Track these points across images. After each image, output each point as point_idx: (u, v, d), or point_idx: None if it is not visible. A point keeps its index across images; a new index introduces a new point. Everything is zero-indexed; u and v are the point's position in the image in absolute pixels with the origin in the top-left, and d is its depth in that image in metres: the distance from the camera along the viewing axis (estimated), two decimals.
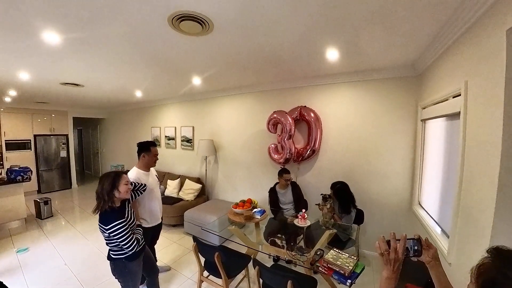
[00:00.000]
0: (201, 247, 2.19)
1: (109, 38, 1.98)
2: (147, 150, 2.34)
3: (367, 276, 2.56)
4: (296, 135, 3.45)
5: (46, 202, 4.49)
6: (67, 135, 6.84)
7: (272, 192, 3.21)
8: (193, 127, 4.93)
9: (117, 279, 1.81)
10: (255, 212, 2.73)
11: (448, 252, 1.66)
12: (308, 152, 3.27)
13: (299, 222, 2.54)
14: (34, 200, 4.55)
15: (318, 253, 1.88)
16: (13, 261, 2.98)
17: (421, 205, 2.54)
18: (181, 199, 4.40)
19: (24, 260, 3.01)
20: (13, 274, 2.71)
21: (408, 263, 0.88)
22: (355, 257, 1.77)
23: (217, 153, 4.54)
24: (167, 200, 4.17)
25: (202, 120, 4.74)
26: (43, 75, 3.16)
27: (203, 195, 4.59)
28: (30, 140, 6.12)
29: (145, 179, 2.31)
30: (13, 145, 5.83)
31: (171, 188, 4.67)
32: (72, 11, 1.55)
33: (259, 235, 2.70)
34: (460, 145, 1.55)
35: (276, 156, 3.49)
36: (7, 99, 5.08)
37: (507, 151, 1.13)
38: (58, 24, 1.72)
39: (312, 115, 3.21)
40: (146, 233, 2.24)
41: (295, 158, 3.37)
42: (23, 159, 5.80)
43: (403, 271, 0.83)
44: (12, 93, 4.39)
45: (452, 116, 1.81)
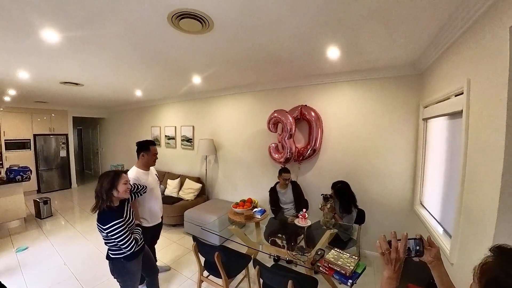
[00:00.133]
0: (201, 247, 2.18)
1: (109, 37, 1.97)
2: (146, 149, 2.33)
3: (368, 276, 2.55)
4: (297, 135, 3.44)
5: (46, 202, 4.48)
6: (67, 135, 6.83)
7: (273, 192, 3.20)
8: (193, 127, 4.92)
9: (116, 279, 1.80)
10: (256, 212, 2.72)
11: (451, 252, 1.65)
12: (309, 152, 3.26)
13: (300, 222, 2.53)
14: (34, 200, 4.54)
15: (319, 253, 1.87)
16: (12, 261, 2.97)
17: (423, 205, 2.52)
18: (181, 199, 4.39)
19: (24, 260, 3.00)
20: (12, 274, 2.70)
21: (410, 263, 0.87)
22: (356, 257, 1.76)
23: (217, 153, 4.53)
24: (167, 200, 4.15)
25: (202, 120, 4.73)
26: (43, 74, 3.15)
27: (203, 195, 4.58)
28: (30, 140, 6.12)
29: (145, 178, 2.30)
30: (13, 145, 5.82)
31: (171, 188, 4.66)
32: (72, 10, 1.54)
33: (260, 235, 2.68)
34: (463, 144, 1.54)
35: (277, 156, 3.48)
36: (7, 99, 5.07)
37: (510, 150, 1.12)
38: (58, 23, 1.71)
39: (313, 114, 3.20)
40: (146, 233, 2.23)
41: (296, 158, 3.35)
42: (23, 159, 5.80)
43: (405, 271, 0.82)
44: (12, 93, 4.37)
45: (454, 115, 1.80)
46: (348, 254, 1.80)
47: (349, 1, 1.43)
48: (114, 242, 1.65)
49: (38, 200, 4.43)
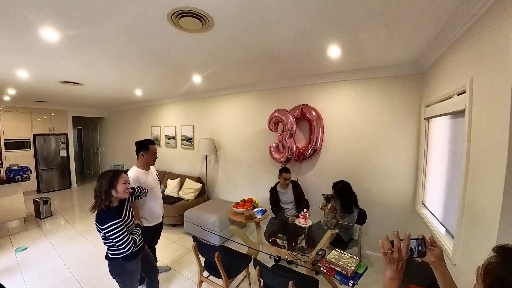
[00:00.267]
0: (201, 247, 2.16)
1: (108, 36, 1.96)
2: (146, 149, 2.31)
3: (370, 277, 2.53)
4: (298, 134, 3.42)
5: (46, 202, 4.47)
6: (67, 135, 6.82)
7: (273, 192, 3.19)
8: (194, 126, 4.90)
9: (115, 279, 1.79)
10: (256, 212, 2.71)
11: (453, 253, 1.63)
12: (310, 151, 3.24)
13: (301, 222, 2.51)
14: (33, 200, 4.52)
15: (320, 253, 1.85)
16: (12, 261, 2.96)
17: (425, 205, 2.50)
18: (181, 199, 4.38)
19: (23, 260, 2.99)
20: (12, 274, 2.69)
21: (412, 263, 0.86)
22: (358, 257, 1.74)
23: (218, 152, 4.52)
24: (167, 200, 4.13)
25: (203, 119, 4.72)
26: (42, 74, 3.13)
27: (203, 195, 4.57)
28: (30, 140, 6.10)
29: (145, 178, 2.29)
30: (12, 144, 5.81)
31: (171, 188, 4.65)
32: (71, 9, 1.52)
33: (260, 235, 2.67)
34: (465, 144, 1.52)
35: (277, 155, 3.46)
36: (6, 98, 5.05)
37: None
38: (57, 22, 1.70)
39: (314, 114, 3.18)
40: (147, 233, 2.23)
41: (297, 157, 3.34)
42: (22, 159, 5.79)
43: (406, 271, 0.81)
44: (11, 92, 4.36)
45: (457, 114, 1.78)
46: (350, 255, 1.78)
47: (350, 0, 1.41)
48: (112, 243, 1.64)
49: (38, 200, 4.41)
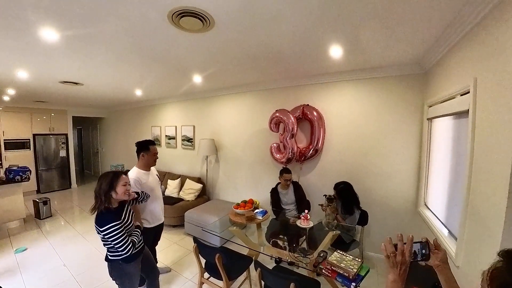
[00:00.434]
0: (202, 248, 2.15)
1: (108, 36, 1.94)
2: (146, 149, 2.30)
3: (372, 279, 2.51)
4: (299, 134, 3.40)
5: (45, 202, 4.45)
6: (67, 135, 6.80)
7: (274, 193, 3.17)
8: (194, 126, 4.89)
9: (114, 281, 1.78)
10: (257, 213, 2.69)
11: (456, 255, 1.62)
12: (311, 152, 3.23)
13: (302, 223, 2.50)
14: (33, 200, 4.51)
15: (322, 255, 1.84)
16: (11, 262, 2.95)
17: (427, 206, 2.49)
18: (182, 199, 4.36)
19: (23, 261, 2.98)
20: (11, 275, 2.68)
21: (415, 266, 0.85)
22: (360, 260, 1.73)
23: (218, 153, 4.50)
24: (168, 200, 4.12)
25: (203, 119, 4.70)
26: (42, 73, 3.12)
27: (204, 195, 4.56)
28: (29, 140, 6.09)
29: (146, 179, 2.28)
30: (12, 145, 5.79)
31: (172, 188, 4.63)
32: (71, 8, 1.51)
33: (261, 236, 2.66)
34: (469, 145, 1.50)
35: (278, 156, 3.45)
36: (6, 98, 5.04)
37: None
38: (57, 22, 1.69)
39: (315, 114, 3.17)
40: (148, 234, 2.21)
41: (298, 158, 3.32)
42: (22, 159, 5.77)
43: (409, 274, 0.80)
44: (11, 92, 4.34)
45: (460, 115, 1.77)
46: (351, 256, 1.77)
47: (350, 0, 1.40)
48: (111, 245, 1.63)
49: (38, 201, 4.40)
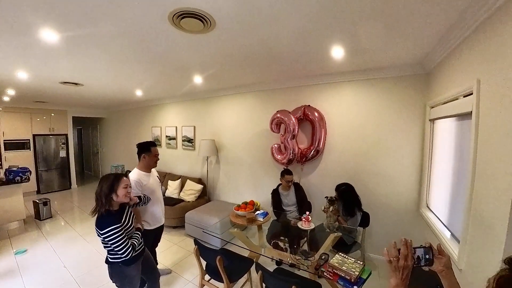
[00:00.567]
0: (203, 250, 2.14)
1: (109, 37, 1.93)
2: (147, 151, 2.29)
3: (373, 281, 2.49)
4: (300, 135, 3.39)
5: (45, 203, 4.44)
6: (67, 135, 6.79)
7: (275, 194, 3.16)
8: (195, 127, 4.88)
9: (115, 283, 1.77)
10: (258, 214, 2.68)
11: (459, 258, 1.61)
12: (312, 153, 3.21)
13: (303, 225, 2.48)
14: (33, 201, 4.50)
15: (323, 258, 1.83)
16: (11, 263, 2.93)
17: (429, 208, 2.47)
18: (182, 200, 4.35)
19: (23, 262, 2.96)
20: (11, 277, 2.67)
21: (418, 270, 0.84)
22: (361, 262, 1.72)
23: (219, 153, 4.49)
24: (168, 201, 4.11)
25: (204, 120, 4.69)
26: (42, 74, 3.11)
27: (205, 196, 4.54)
28: (29, 140, 6.08)
29: (147, 180, 2.27)
30: (12, 145, 5.78)
31: (172, 189, 4.62)
32: (71, 9, 1.50)
33: (262, 238, 2.65)
34: (472, 146, 1.49)
35: (279, 157, 3.43)
36: (6, 99, 5.03)
37: None
38: (57, 23, 1.68)
39: (316, 115, 3.15)
40: (148, 236, 2.20)
41: (299, 159, 3.31)
42: (22, 159, 5.77)
43: (412, 278, 0.80)
44: (11, 93, 4.33)
45: (463, 116, 1.76)
46: (353, 259, 1.76)
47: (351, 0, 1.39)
48: (111, 247, 1.62)
49: (38, 201, 4.39)
